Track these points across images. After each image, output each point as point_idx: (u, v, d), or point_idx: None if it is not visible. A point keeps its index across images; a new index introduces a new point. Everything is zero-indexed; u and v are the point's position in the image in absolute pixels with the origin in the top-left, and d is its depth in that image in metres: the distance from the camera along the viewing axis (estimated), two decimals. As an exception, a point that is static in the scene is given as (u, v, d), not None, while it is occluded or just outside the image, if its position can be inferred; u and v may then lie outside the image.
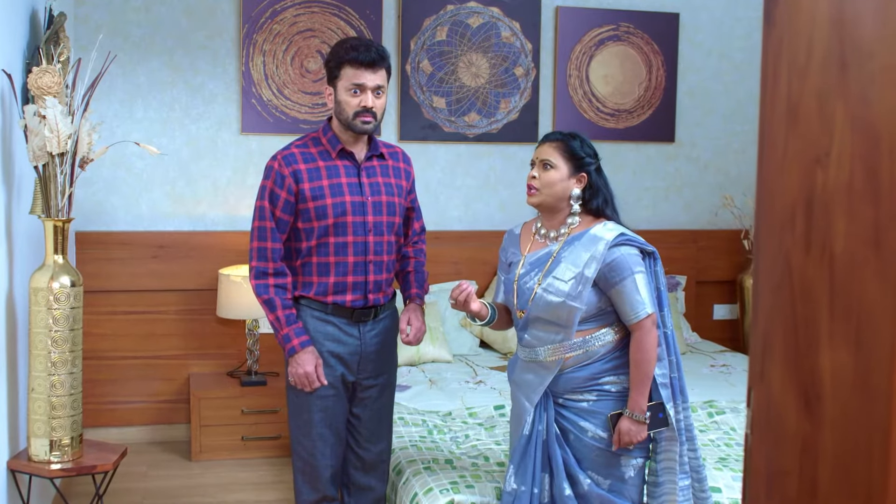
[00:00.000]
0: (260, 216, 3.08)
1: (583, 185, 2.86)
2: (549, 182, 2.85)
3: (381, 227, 3.13)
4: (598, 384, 2.82)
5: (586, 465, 2.83)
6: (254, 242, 3.08)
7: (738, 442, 3.74)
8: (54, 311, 3.21)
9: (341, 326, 3.12)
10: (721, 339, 5.62)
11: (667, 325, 2.85)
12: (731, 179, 5.66)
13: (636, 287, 2.74)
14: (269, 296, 3.06)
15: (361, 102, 3.03)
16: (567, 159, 2.85)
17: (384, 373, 3.24)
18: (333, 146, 3.11)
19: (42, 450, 3.24)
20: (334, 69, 3.07)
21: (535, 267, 2.87)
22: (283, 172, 3.05)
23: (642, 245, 2.83)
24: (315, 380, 3.05)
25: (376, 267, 3.14)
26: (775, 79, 1.21)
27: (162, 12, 4.92)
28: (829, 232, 1.12)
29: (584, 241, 2.80)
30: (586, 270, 2.75)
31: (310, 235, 3.08)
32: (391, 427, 3.34)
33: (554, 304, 2.78)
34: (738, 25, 5.61)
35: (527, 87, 5.33)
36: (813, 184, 1.15)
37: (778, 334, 1.22)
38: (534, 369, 2.89)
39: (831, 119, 1.11)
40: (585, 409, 2.83)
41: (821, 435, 1.14)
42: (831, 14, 1.12)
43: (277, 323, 3.06)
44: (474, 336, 5.10)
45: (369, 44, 3.07)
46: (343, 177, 3.10)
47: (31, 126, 3.19)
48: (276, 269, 3.07)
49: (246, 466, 4.63)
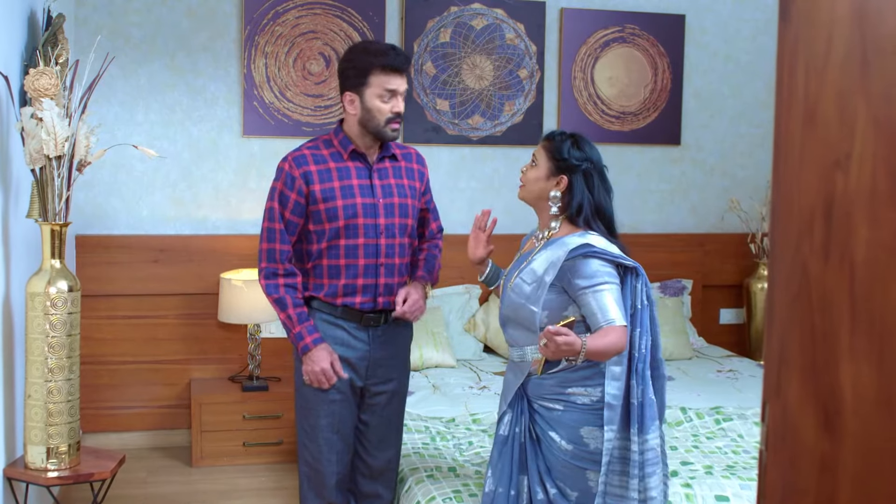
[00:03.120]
0: (269, 217, 3.05)
1: (561, 187, 2.79)
2: (528, 178, 2.84)
3: (393, 229, 3.08)
4: (564, 394, 2.73)
5: (555, 474, 2.74)
6: (263, 244, 3.06)
7: (746, 449, 3.69)
8: (51, 316, 3.17)
9: (350, 331, 3.08)
10: (728, 343, 5.56)
11: (636, 348, 2.69)
12: (737, 182, 5.61)
13: (602, 298, 2.61)
14: (280, 294, 3.03)
15: (393, 108, 3.00)
16: (549, 159, 2.80)
17: (394, 379, 3.19)
18: (345, 147, 3.07)
19: (39, 457, 3.20)
20: (360, 76, 2.98)
21: (515, 267, 2.84)
22: (293, 174, 3.02)
23: (618, 259, 2.68)
24: (332, 375, 3.01)
25: (387, 270, 3.09)
26: (791, 78, 1.16)
27: (163, 14, 4.88)
28: (849, 239, 1.06)
29: (554, 247, 2.73)
30: (546, 276, 2.68)
31: (320, 237, 3.04)
32: (401, 435, 3.29)
33: (517, 304, 2.74)
34: (745, 27, 5.56)
35: (531, 89, 5.28)
36: (832, 188, 1.09)
37: (795, 346, 1.16)
38: (513, 369, 2.85)
39: (852, 120, 1.06)
40: (554, 418, 2.74)
41: (841, 453, 1.08)
42: (852, 9, 1.06)
43: (289, 321, 3.03)
44: (478, 341, 5.05)
45: (393, 47, 3.02)
46: (354, 178, 3.05)
47: (28, 129, 3.14)
48: (286, 269, 3.05)
49: (247, 473, 4.58)
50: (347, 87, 3.03)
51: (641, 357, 2.70)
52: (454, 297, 5.11)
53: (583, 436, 2.70)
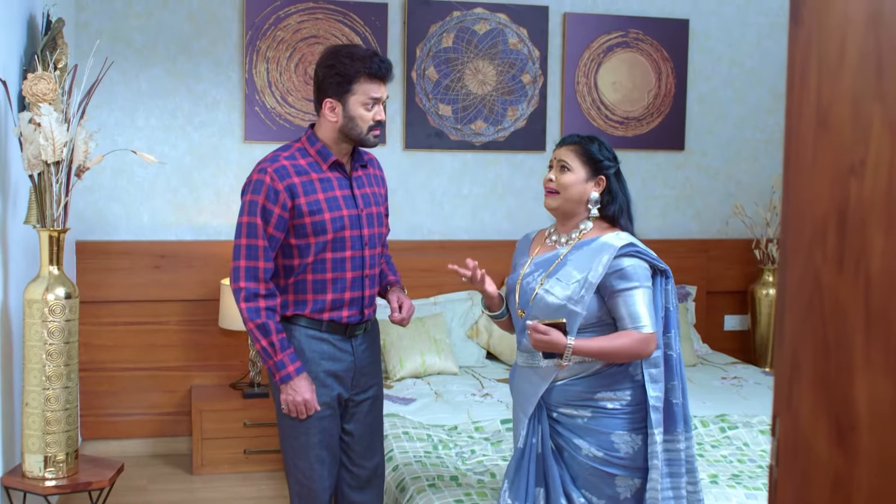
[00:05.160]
0: (249, 233, 2.86)
1: (601, 188, 2.77)
2: (566, 184, 2.75)
3: (375, 239, 3.03)
4: (593, 400, 2.71)
5: (580, 483, 2.72)
6: (241, 261, 2.86)
7: (752, 458, 3.65)
8: (49, 323, 3.13)
9: (335, 343, 2.99)
10: (732, 350, 5.52)
11: (673, 349, 2.73)
12: (741, 188, 5.57)
13: (636, 301, 2.63)
14: (263, 320, 2.85)
15: (375, 116, 2.90)
16: (584, 162, 2.76)
17: (373, 385, 3.14)
18: (325, 158, 2.95)
19: (36, 466, 3.17)
20: (344, 83, 2.87)
21: (540, 267, 2.78)
22: (276, 187, 2.85)
23: (654, 261, 2.72)
24: (313, 406, 2.93)
25: (371, 281, 3.03)
26: (803, 82, 1.12)
27: (164, 18, 4.86)
28: (864, 249, 1.03)
29: (594, 248, 2.70)
30: (591, 276, 2.65)
31: (305, 252, 2.91)
32: (383, 440, 3.22)
33: (553, 305, 2.68)
34: (749, 31, 5.53)
35: (534, 94, 5.25)
36: (846, 195, 1.05)
37: (807, 358, 1.12)
38: (528, 377, 2.79)
39: (867, 124, 1.02)
40: (581, 425, 2.72)
41: (855, 469, 1.05)
42: (867, 11, 1.03)
43: (271, 348, 2.87)
44: (481, 347, 5.01)
45: (376, 53, 2.93)
46: (337, 189, 2.95)
47: (26, 134, 3.11)
48: (268, 290, 2.89)
49: (248, 480, 4.55)
50: (329, 94, 2.90)
51: (679, 357, 2.73)
52: (457, 303, 5.07)
53: (614, 441, 2.69)
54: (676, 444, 2.72)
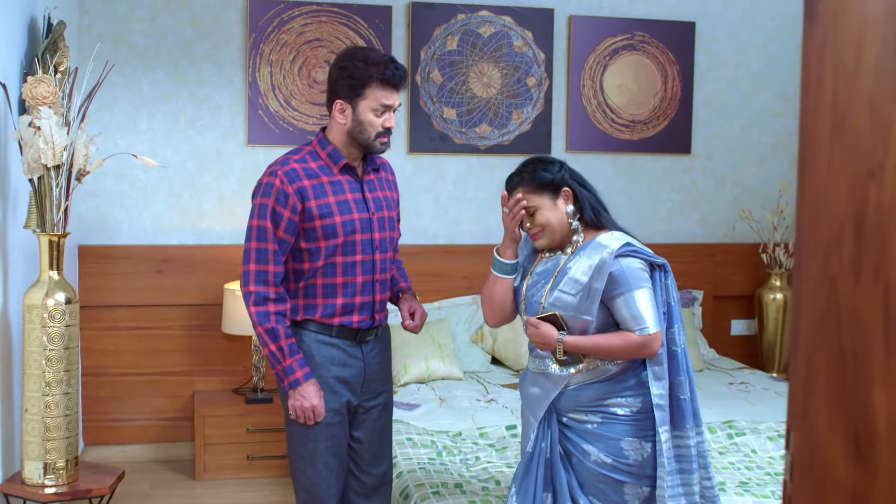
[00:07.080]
0: (259, 237, 2.84)
1: (570, 198, 2.74)
2: (543, 223, 2.74)
3: (386, 243, 3.00)
4: (603, 405, 2.69)
5: (588, 489, 2.70)
6: (251, 265, 2.85)
7: (760, 465, 3.60)
8: (49, 328, 3.10)
9: (346, 349, 2.96)
10: (739, 355, 5.47)
11: (677, 343, 2.70)
12: (748, 192, 5.53)
13: (636, 303, 2.61)
14: (272, 325, 2.83)
15: (385, 123, 2.87)
16: (540, 191, 2.74)
17: (383, 391, 3.10)
18: (336, 161, 2.92)
19: (36, 473, 3.14)
20: (356, 86, 2.84)
21: (542, 278, 2.76)
22: (286, 190, 2.83)
23: (650, 257, 2.69)
24: (321, 412, 2.90)
25: (381, 285, 3.00)
26: (819, 83, 1.08)
27: (166, 22, 4.83)
28: (883, 256, 0.99)
29: (589, 250, 2.69)
30: (594, 283, 2.63)
31: (315, 256, 2.89)
32: (391, 447, 3.19)
33: (564, 317, 2.67)
34: (756, 34, 5.49)
35: (539, 97, 5.21)
36: (864, 200, 1.01)
37: (822, 369, 1.08)
38: (540, 382, 2.77)
39: (886, 126, 0.98)
40: (590, 431, 2.70)
41: (874, 485, 1.01)
42: (885, 9, 0.99)
43: (280, 353, 2.85)
44: (486, 352, 4.97)
45: (392, 60, 2.88)
46: (348, 192, 2.92)
47: (26, 137, 3.09)
48: (278, 294, 2.86)
49: (251, 486, 4.52)
50: (340, 96, 2.87)
51: (684, 352, 2.71)
52: (461, 307, 5.03)
53: (623, 448, 2.67)
54: (686, 440, 2.69)
